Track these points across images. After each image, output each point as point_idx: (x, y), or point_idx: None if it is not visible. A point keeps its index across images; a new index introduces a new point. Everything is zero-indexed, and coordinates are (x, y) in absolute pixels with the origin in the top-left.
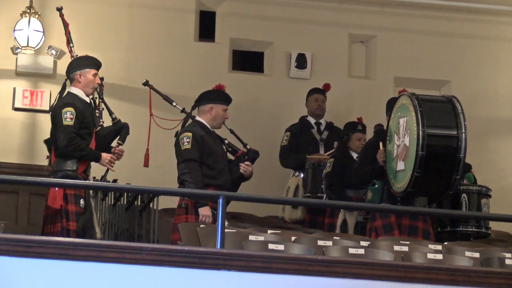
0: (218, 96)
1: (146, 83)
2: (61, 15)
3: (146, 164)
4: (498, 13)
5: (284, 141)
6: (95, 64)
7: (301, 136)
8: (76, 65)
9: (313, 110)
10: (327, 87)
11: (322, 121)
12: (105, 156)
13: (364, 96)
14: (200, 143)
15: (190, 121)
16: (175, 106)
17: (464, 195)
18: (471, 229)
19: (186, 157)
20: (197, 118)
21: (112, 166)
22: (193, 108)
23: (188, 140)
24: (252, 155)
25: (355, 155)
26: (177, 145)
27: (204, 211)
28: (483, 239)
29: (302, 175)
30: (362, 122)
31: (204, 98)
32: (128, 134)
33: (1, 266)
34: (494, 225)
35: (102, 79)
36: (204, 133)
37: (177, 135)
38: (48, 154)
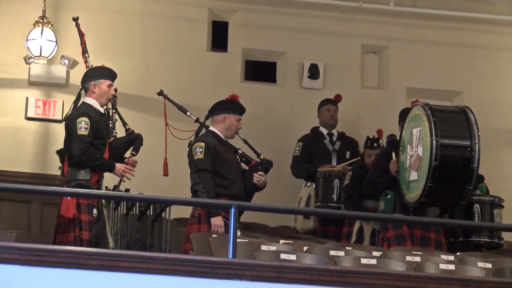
0: (231, 106)
1: (160, 93)
2: (77, 25)
3: (165, 173)
4: (510, 24)
5: (296, 151)
6: (110, 75)
7: (314, 147)
8: (92, 75)
9: (326, 120)
10: (338, 97)
11: (334, 131)
12: (119, 166)
13: (377, 106)
14: (213, 153)
15: (203, 130)
16: (189, 115)
17: (476, 205)
18: (484, 240)
19: (199, 167)
20: (211, 128)
21: (127, 177)
22: (207, 118)
23: (201, 150)
24: (265, 165)
25: None
26: (190, 155)
27: (217, 221)
28: (495, 249)
29: (314, 186)
30: (381, 135)
31: (218, 108)
32: (142, 145)
33: (14, 275)
34: (507, 236)
35: (115, 90)
36: (217, 143)
37: (190, 145)
38: (60, 165)
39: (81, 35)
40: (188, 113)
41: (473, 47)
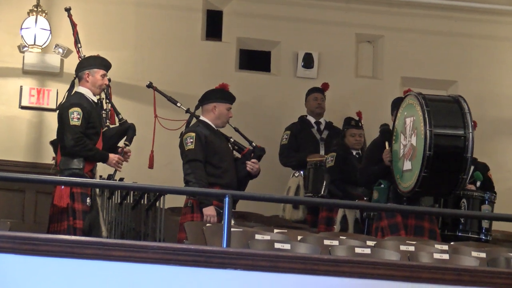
0: (221, 95)
1: (150, 85)
2: (69, 16)
3: (150, 166)
4: (505, 13)
5: (284, 139)
6: (104, 64)
7: (301, 135)
8: (86, 64)
9: (313, 109)
10: (325, 86)
11: (322, 120)
12: (112, 156)
13: (371, 96)
14: (204, 143)
15: (194, 120)
16: (179, 106)
17: (463, 200)
18: (470, 235)
19: (190, 158)
20: (201, 117)
21: (120, 167)
22: (197, 107)
23: (191, 140)
24: (258, 153)
25: (354, 152)
26: (181, 145)
27: (208, 211)
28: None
29: (302, 175)
30: (361, 116)
31: (207, 97)
32: (135, 135)
33: (8, 264)
34: (501, 226)
35: (109, 80)
36: (208, 133)
37: (181, 135)
38: (54, 155)
39: (73, 25)
40: (178, 104)
41: (468, 37)
